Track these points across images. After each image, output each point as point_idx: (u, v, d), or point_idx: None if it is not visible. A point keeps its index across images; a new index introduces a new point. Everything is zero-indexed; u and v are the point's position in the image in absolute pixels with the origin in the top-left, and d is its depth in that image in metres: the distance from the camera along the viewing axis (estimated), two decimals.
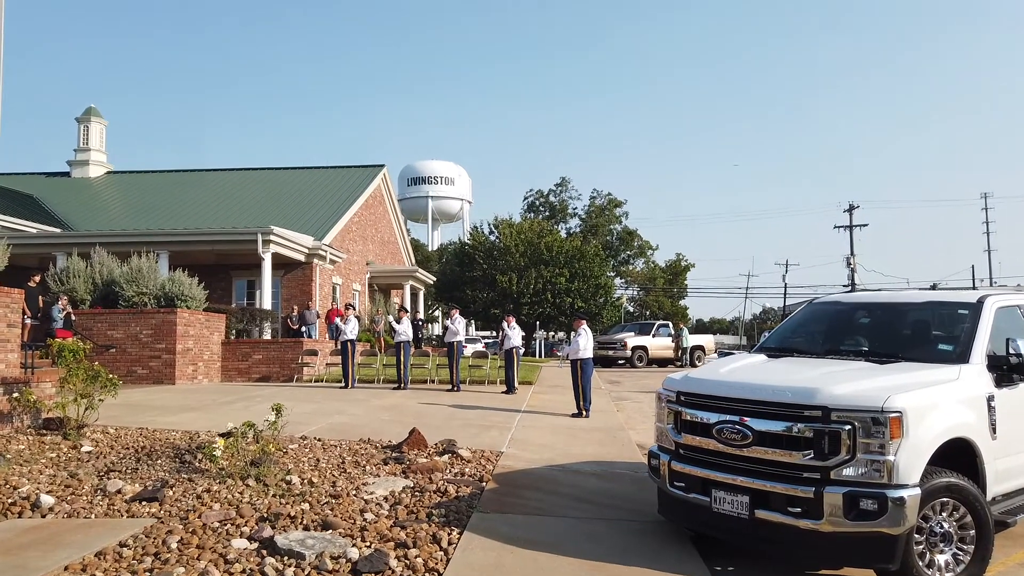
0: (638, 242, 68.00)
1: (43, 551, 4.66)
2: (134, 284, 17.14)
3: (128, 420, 9.78)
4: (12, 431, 8.22)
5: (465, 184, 76.03)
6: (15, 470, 6.73)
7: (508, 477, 7.12)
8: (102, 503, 5.83)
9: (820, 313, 6.49)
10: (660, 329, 30.50)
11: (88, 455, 7.57)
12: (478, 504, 6.00)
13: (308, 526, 5.24)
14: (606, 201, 67.80)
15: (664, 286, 67.34)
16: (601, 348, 28.07)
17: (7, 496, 5.91)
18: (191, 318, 16.95)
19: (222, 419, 9.38)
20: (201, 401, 12.83)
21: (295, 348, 18.68)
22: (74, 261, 18.01)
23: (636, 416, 12.73)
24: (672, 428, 5.17)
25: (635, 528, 5.53)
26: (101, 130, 34.69)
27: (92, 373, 8.65)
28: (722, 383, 5.02)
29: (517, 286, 39.24)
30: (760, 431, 4.54)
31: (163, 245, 21.15)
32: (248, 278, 23.82)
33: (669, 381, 5.44)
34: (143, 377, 16.07)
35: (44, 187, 31.78)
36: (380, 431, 9.56)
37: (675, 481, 5.04)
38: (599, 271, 42.23)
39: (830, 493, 4.20)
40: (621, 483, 7.12)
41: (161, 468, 7.00)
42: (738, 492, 4.57)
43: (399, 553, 4.73)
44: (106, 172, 34.69)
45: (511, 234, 41.79)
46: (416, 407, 12.49)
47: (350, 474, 6.97)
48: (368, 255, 31.09)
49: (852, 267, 45.99)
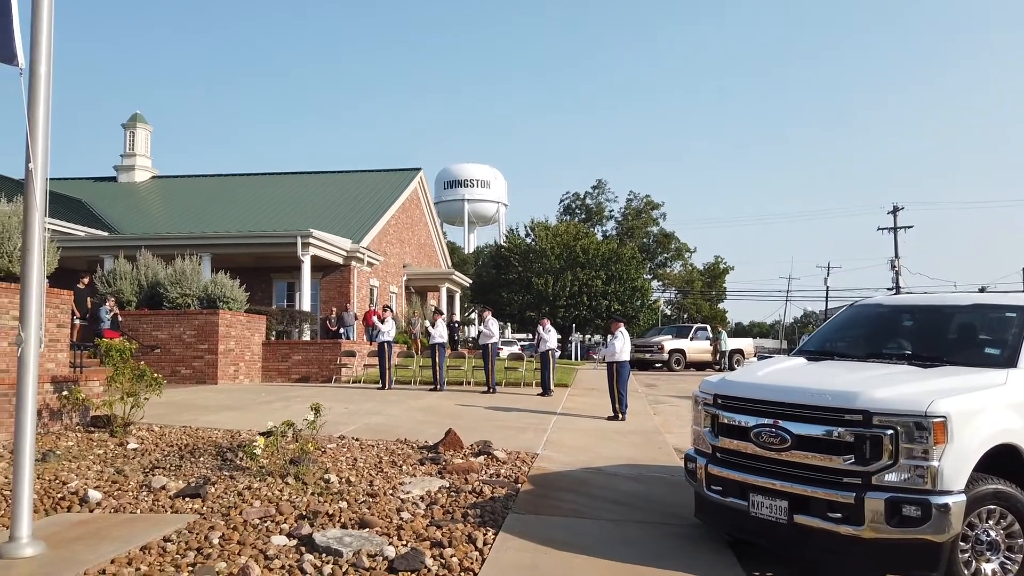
0: (675, 244, 67.39)
1: (91, 544, 4.80)
2: (178, 286, 17.52)
3: (172, 418, 10.00)
4: (62, 428, 8.47)
5: (501, 187, 76.24)
6: (64, 466, 6.93)
7: (543, 479, 7.12)
8: (147, 499, 5.98)
9: (862, 316, 6.37)
10: (698, 332, 30.14)
11: (134, 452, 7.76)
12: (513, 505, 6.01)
13: (346, 524, 5.30)
14: (643, 203, 67.35)
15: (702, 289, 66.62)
16: (638, 351, 27.84)
17: (57, 491, 6.09)
18: (233, 319, 17.27)
19: (262, 418, 9.54)
20: (242, 401, 13.07)
21: (333, 349, 18.92)
22: (121, 263, 18.49)
23: (673, 419, 12.62)
24: (709, 431, 5.12)
25: (671, 532, 5.48)
26: (146, 136, 35.57)
27: (138, 372, 8.87)
28: (760, 386, 4.96)
29: (553, 288, 39.19)
30: (799, 435, 4.46)
31: (206, 248, 21.61)
32: (288, 280, 24.21)
33: (706, 384, 5.39)
34: (186, 377, 16.42)
35: (92, 191, 32.69)
36: (416, 432, 9.63)
37: (712, 485, 4.99)
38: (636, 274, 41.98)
39: (871, 499, 4.11)
40: (657, 486, 7.07)
41: (203, 465, 7.15)
42: (776, 496, 4.50)
43: (435, 552, 4.76)
44: (151, 177, 35.56)
45: (547, 236, 41.77)
46: (452, 408, 12.55)
47: (387, 474, 7.04)
48: (405, 257, 31.35)
49: (896, 270, 44.97)
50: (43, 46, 4.82)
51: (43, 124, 4.81)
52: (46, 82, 4.83)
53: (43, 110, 4.81)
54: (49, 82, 4.86)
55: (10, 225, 10.02)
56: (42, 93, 4.81)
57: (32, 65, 4.78)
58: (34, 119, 4.76)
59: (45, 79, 4.83)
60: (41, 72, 4.80)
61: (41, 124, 4.79)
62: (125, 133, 35.12)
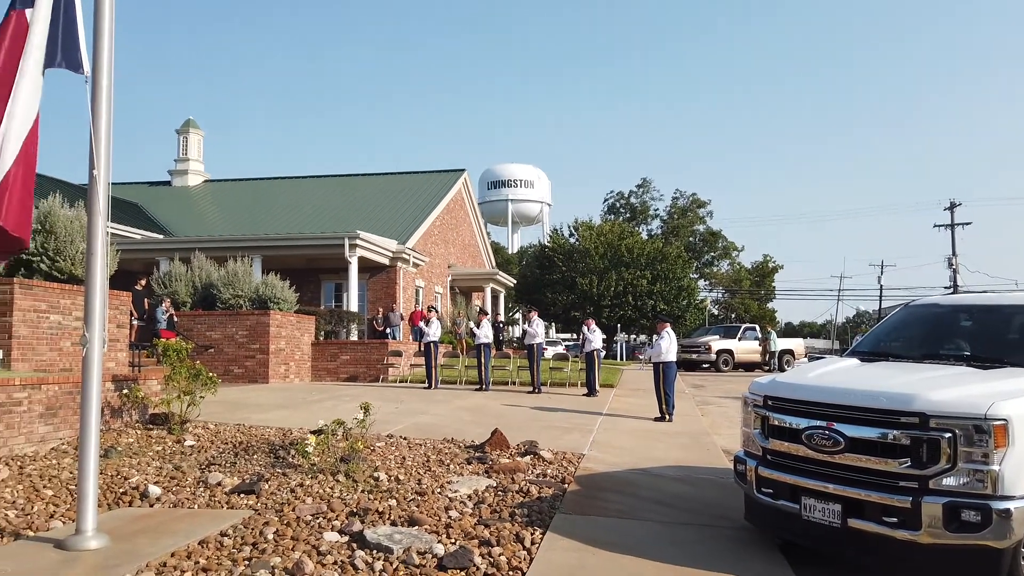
0: (722, 243, 66.54)
1: (152, 538, 4.97)
2: (230, 287, 17.95)
3: (226, 417, 10.26)
4: (122, 425, 8.76)
5: (545, 187, 76.20)
6: (125, 462, 7.17)
7: (590, 479, 7.11)
8: (204, 494, 6.16)
9: (917, 316, 6.21)
10: (747, 332, 29.70)
11: (191, 449, 7.99)
12: (560, 505, 6.03)
13: (395, 521, 5.38)
14: (689, 201, 66.69)
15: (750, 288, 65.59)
16: (685, 351, 27.55)
17: (119, 486, 6.31)
18: (283, 320, 17.63)
19: (313, 417, 9.73)
20: (293, 399, 13.33)
21: (380, 349, 19.17)
22: (176, 265, 19.02)
23: (721, 421, 12.47)
24: (759, 433, 5.05)
25: (720, 534, 5.43)
26: (199, 141, 36.54)
27: (194, 372, 9.12)
28: (812, 387, 4.88)
29: (597, 288, 39.04)
30: (853, 437, 4.38)
31: (256, 250, 22.11)
32: (336, 281, 24.61)
33: (756, 385, 5.32)
34: (239, 376, 16.81)
35: (147, 195, 33.73)
36: (463, 431, 9.71)
37: (762, 487, 4.93)
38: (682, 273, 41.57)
39: (929, 503, 4.02)
40: (705, 488, 7.00)
41: (257, 463, 7.32)
42: (829, 500, 4.42)
43: (483, 551, 4.80)
44: (203, 180, 36.52)
45: (591, 236, 41.63)
46: (497, 408, 12.61)
47: (435, 472, 7.12)
48: (449, 258, 31.58)
49: (954, 268, 43.60)
50: (104, 56, 5.01)
51: (105, 131, 5.00)
52: (108, 91, 5.02)
53: (105, 118, 5.00)
54: (111, 91, 5.05)
55: (72, 229, 10.41)
56: (104, 101, 4.99)
57: (95, 74, 4.97)
58: (97, 127, 4.95)
59: (107, 88, 5.01)
60: (103, 81, 4.99)
61: (104, 131, 4.98)
62: (179, 138, 36.13)
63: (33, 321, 9.38)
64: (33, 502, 5.79)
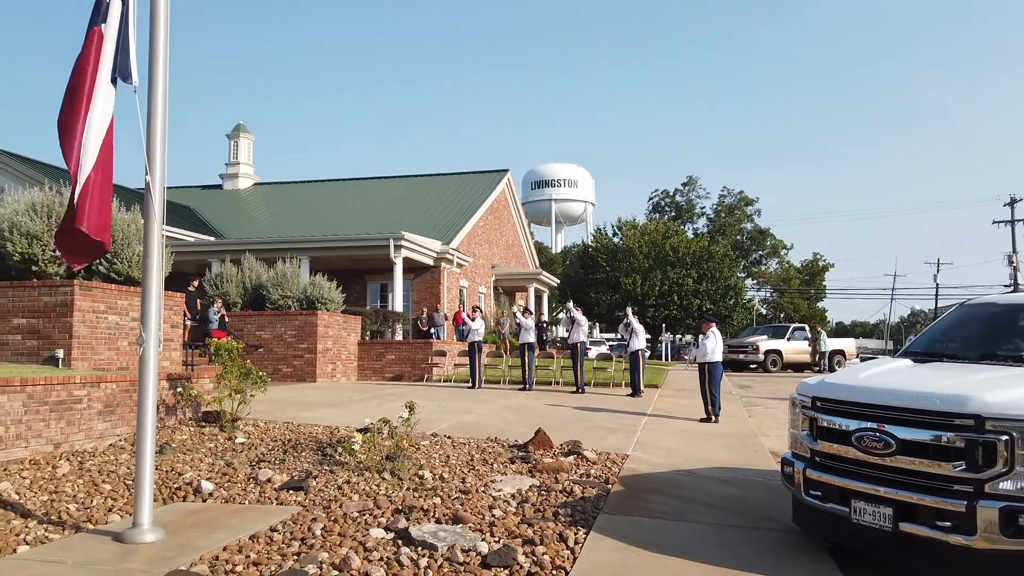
0: (771, 241, 65.41)
1: (205, 532, 5.11)
2: (279, 288, 18.32)
3: (275, 415, 10.47)
4: (176, 423, 9.02)
5: (588, 186, 75.86)
6: (179, 458, 7.38)
7: (634, 480, 7.07)
8: (254, 490, 6.31)
9: (973, 315, 6.03)
10: (796, 332, 29.11)
11: (241, 446, 8.18)
12: (604, 505, 6.01)
13: (440, 519, 5.44)
14: (736, 199, 65.71)
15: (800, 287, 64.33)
16: (731, 352, 27.18)
17: (174, 482, 6.51)
18: (330, 320, 17.92)
19: (359, 415, 9.87)
20: (340, 398, 13.54)
21: (425, 349, 19.34)
22: (227, 267, 19.48)
23: (768, 422, 12.27)
24: (807, 435, 4.97)
25: (768, 536, 5.35)
26: (248, 144, 37.35)
27: (244, 371, 9.33)
28: (862, 388, 4.78)
29: (641, 288, 38.74)
30: (905, 440, 4.28)
31: (304, 251, 22.53)
32: (381, 281, 24.92)
33: (804, 386, 5.23)
34: (287, 375, 17.14)
35: (200, 199, 34.61)
36: (506, 431, 9.74)
37: (811, 490, 4.84)
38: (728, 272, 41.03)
39: (984, 507, 3.90)
40: (752, 490, 6.90)
41: (305, 460, 7.47)
42: (880, 503, 4.33)
43: (526, 549, 4.82)
44: (253, 183, 37.32)
45: (634, 235, 41.33)
46: (541, 408, 12.62)
47: (478, 471, 7.16)
48: (493, 258, 31.69)
49: (1014, 265, 42.06)
50: (160, 66, 5.18)
51: (160, 138, 5.16)
52: (163, 100, 5.18)
53: (160, 125, 5.16)
54: (166, 100, 5.21)
55: (129, 232, 10.74)
56: (159, 110, 5.16)
57: (150, 84, 5.15)
58: (152, 134, 5.12)
59: (162, 97, 5.17)
60: (159, 90, 5.16)
61: (158, 138, 5.15)
62: (229, 143, 36.99)
63: (92, 322, 9.71)
64: (92, 496, 6.00)
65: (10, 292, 9.59)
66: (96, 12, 4.91)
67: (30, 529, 5.12)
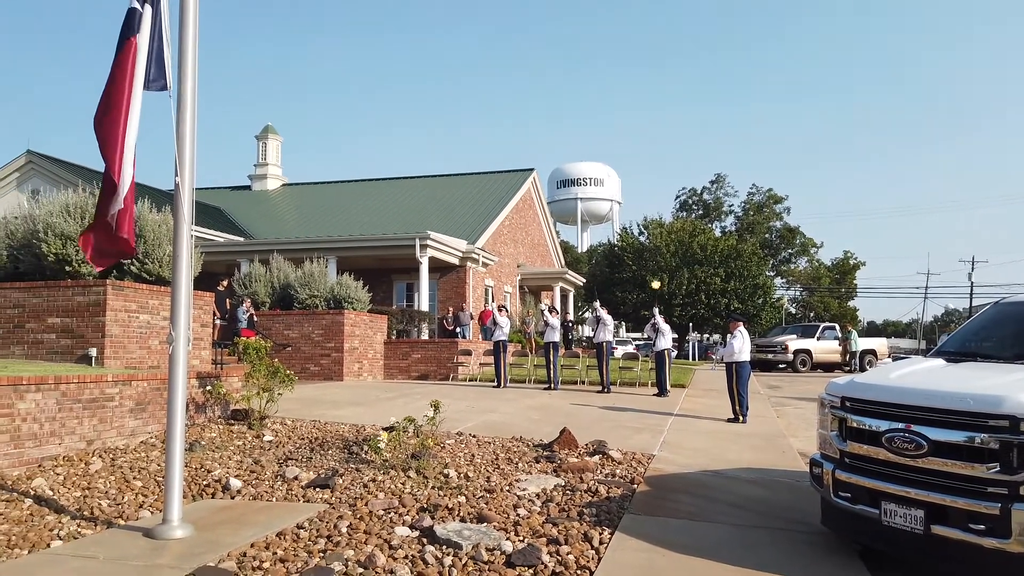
0: (800, 239, 64.56)
1: (233, 529, 5.17)
2: (307, 287, 18.49)
3: (303, 413, 10.57)
4: (206, 420, 9.14)
5: (614, 185, 75.57)
6: (208, 455, 7.48)
7: (660, 480, 7.02)
8: (281, 488, 6.37)
9: (1009, 314, 5.88)
10: (826, 332, 28.73)
11: (269, 444, 8.27)
12: (629, 505, 5.98)
13: (464, 518, 5.45)
14: (765, 197, 64.94)
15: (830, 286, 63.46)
16: (760, 351, 26.90)
17: (203, 479, 6.59)
18: (357, 319, 18.05)
19: (385, 414, 9.93)
20: (366, 397, 13.63)
21: (451, 348, 19.39)
22: (255, 267, 19.70)
23: (797, 423, 12.12)
24: (836, 435, 4.89)
25: (796, 538, 5.28)
26: (277, 146, 37.76)
27: (272, 369, 9.42)
28: (893, 388, 4.69)
29: (668, 287, 38.47)
30: (937, 441, 4.20)
31: (331, 251, 22.73)
32: (407, 281, 25.06)
33: (833, 386, 5.16)
34: (315, 374, 17.29)
35: (229, 199, 35.07)
36: (531, 430, 9.73)
37: (840, 491, 4.77)
38: (757, 270, 40.57)
39: (1020, 510, 3.81)
40: (780, 491, 6.82)
41: (332, 458, 7.53)
42: (912, 505, 4.25)
43: (551, 549, 4.81)
44: (281, 184, 37.72)
45: (661, 234, 41.05)
46: (566, 407, 12.59)
47: (503, 470, 7.16)
48: (519, 257, 31.69)
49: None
50: (189, 72, 5.25)
51: (189, 141, 5.24)
52: (192, 103, 5.25)
53: (189, 128, 5.24)
54: (195, 103, 5.28)
55: (160, 233, 10.90)
56: (188, 114, 5.23)
57: (179, 88, 5.22)
58: (181, 137, 5.19)
59: (191, 100, 5.25)
60: (188, 96, 5.23)
61: (188, 141, 5.22)
62: (258, 144, 37.42)
63: (124, 321, 9.88)
64: (124, 492, 6.10)
65: (45, 292, 9.79)
66: (129, 23, 5.00)
67: (63, 525, 5.22)
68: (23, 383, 6.58)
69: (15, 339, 9.80)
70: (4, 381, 6.39)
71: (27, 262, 10.35)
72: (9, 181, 26.25)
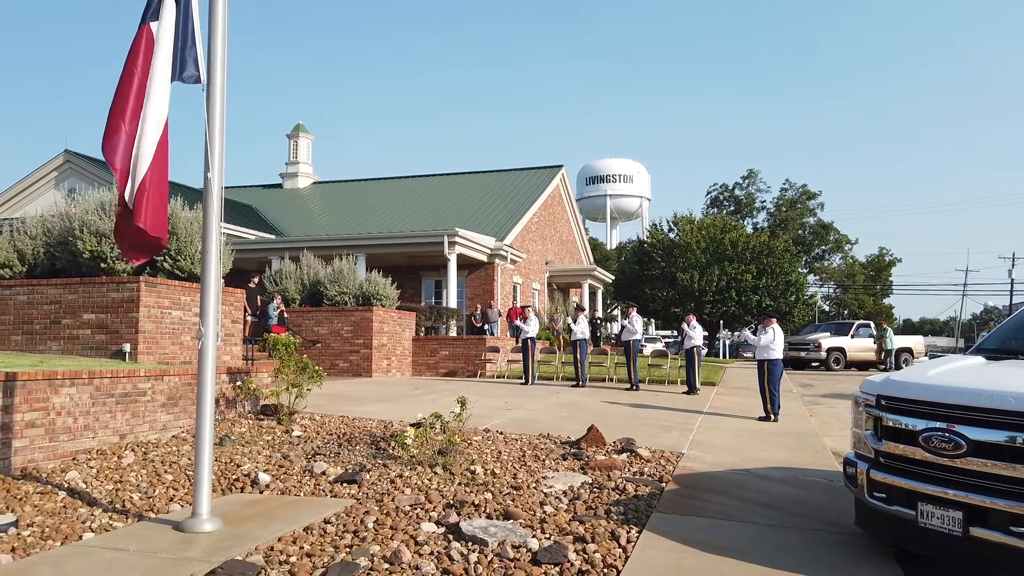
0: (834, 236, 63.50)
1: (261, 523, 5.20)
2: (336, 284, 18.63)
3: (331, 409, 10.63)
4: (236, 415, 9.23)
5: (644, 181, 75.09)
6: (238, 450, 7.55)
7: (689, 479, 6.93)
8: (309, 483, 6.40)
9: None
10: (860, 329, 28.19)
11: (298, 439, 8.33)
12: (657, 504, 5.90)
13: (491, 515, 5.42)
14: (798, 193, 63.97)
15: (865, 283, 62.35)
16: (792, 349, 26.48)
17: (232, 473, 6.65)
18: (385, 316, 18.14)
19: (412, 410, 9.94)
20: (394, 393, 13.69)
21: (478, 345, 19.40)
22: (286, 264, 19.91)
23: (831, 421, 11.90)
24: (871, 434, 4.77)
25: (829, 539, 5.16)
26: (308, 144, 38.12)
27: (301, 365, 9.49)
28: (931, 386, 4.56)
29: (699, 284, 38.08)
30: (977, 441, 4.06)
31: (360, 248, 22.88)
32: (435, 278, 25.13)
33: (868, 384, 5.03)
34: (343, 370, 17.42)
35: (260, 197, 35.48)
36: (558, 427, 9.68)
37: (875, 492, 4.64)
38: (789, 267, 39.92)
39: None
40: (813, 491, 6.68)
41: (359, 453, 7.55)
42: (949, 507, 4.12)
43: (577, 547, 4.76)
44: (312, 182, 38.08)
45: (691, 230, 40.63)
46: (594, 405, 12.51)
47: (530, 467, 7.12)
48: (547, 254, 31.60)
49: None
50: (218, 66, 5.28)
51: (219, 137, 5.27)
52: (221, 99, 5.28)
53: (219, 125, 5.27)
54: (224, 99, 5.31)
55: (192, 230, 11.04)
56: (217, 110, 5.26)
57: (208, 84, 5.25)
58: (211, 133, 5.22)
59: (220, 96, 5.28)
60: (216, 91, 5.26)
61: (217, 138, 5.25)
62: (289, 142, 37.81)
63: (157, 317, 10.02)
64: (155, 486, 6.18)
65: (80, 288, 9.97)
66: (147, 9, 5.02)
67: (95, 517, 5.29)
68: (58, 377, 6.70)
69: (51, 335, 9.99)
70: (39, 376, 6.50)
71: (63, 259, 10.56)
72: (48, 180, 26.86)
